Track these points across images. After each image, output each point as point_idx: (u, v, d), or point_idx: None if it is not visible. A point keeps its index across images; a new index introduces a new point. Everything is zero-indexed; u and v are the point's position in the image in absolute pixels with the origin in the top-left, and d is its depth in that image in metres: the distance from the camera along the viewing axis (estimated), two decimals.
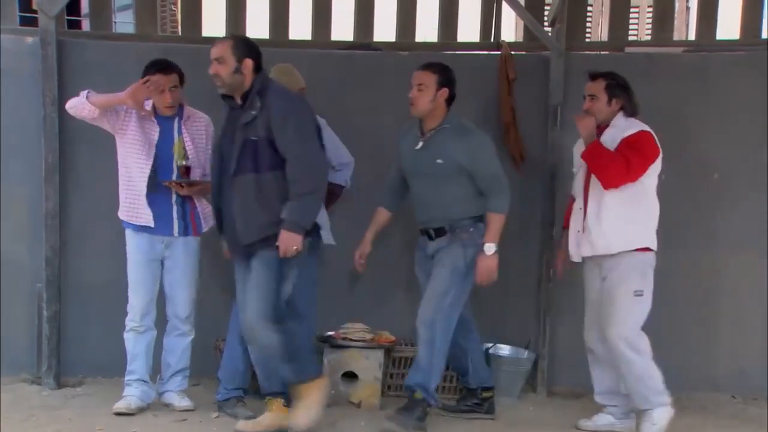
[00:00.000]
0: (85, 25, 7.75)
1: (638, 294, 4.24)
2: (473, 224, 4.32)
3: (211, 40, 5.82)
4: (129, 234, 4.47)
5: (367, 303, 5.40)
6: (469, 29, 6.27)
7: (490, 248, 4.27)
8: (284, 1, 6.15)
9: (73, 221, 5.21)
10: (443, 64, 4.44)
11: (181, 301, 4.49)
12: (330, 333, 4.92)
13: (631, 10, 6.36)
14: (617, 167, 4.16)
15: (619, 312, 4.23)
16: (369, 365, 4.82)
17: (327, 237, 4.62)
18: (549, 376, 5.39)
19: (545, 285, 5.39)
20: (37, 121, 5.02)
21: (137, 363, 4.48)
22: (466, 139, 4.28)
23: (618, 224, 4.24)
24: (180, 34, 6.64)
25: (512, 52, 5.52)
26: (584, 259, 4.44)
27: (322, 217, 4.50)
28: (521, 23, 6.54)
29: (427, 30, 6.40)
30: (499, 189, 4.29)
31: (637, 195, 4.25)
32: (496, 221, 4.27)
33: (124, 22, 8.42)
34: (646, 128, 4.29)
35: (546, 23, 5.88)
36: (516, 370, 5.17)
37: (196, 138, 4.46)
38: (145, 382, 4.49)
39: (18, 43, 5.21)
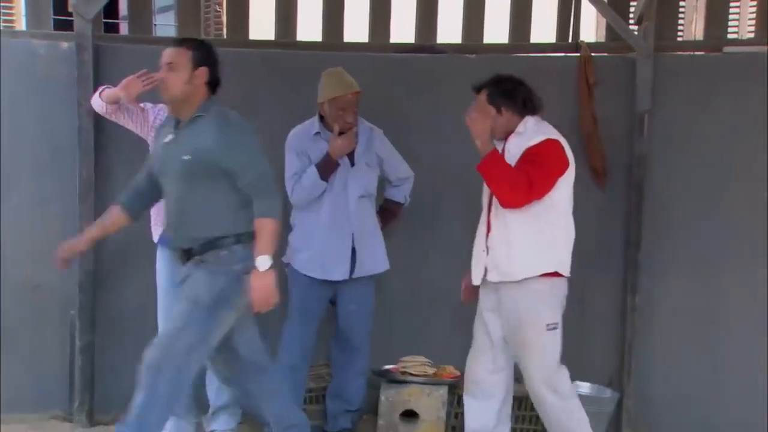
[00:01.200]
0: (123, 28, 7.92)
1: (552, 327, 4.06)
2: (229, 245, 3.75)
3: (260, 44, 6.02)
4: (157, 254, 4.56)
5: (428, 333, 5.40)
6: (543, 29, 6.24)
7: (263, 263, 3.68)
8: (339, 0, 6.20)
9: (109, 243, 5.24)
10: (201, 41, 4.08)
11: None
12: (387, 367, 4.92)
13: (731, 4, 6.26)
14: (516, 185, 3.96)
15: (534, 352, 4.06)
16: (431, 403, 4.80)
17: (383, 262, 4.65)
18: (635, 418, 5.31)
19: (630, 314, 5.33)
20: (71, 133, 5.12)
21: None
22: (225, 131, 3.74)
23: (523, 246, 4.04)
24: (225, 37, 6.73)
25: (593, 54, 5.48)
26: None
27: (377, 239, 4.53)
28: (603, 21, 6.48)
29: (496, 30, 6.39)
30: (265, 190, 3.74)
31: (546, 212, 4.06)
32: (265, 229, 3.69)
33: (164, 24, 8.57)
34: (554, 136, 4.10)
35: (632, 21, 5.84)
36: (597, 410, 5.07)
37: None
38: (180, 418, 4.53)
39: (52, 49, 5.31)
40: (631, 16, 5.95)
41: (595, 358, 5.39)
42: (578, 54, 5.51)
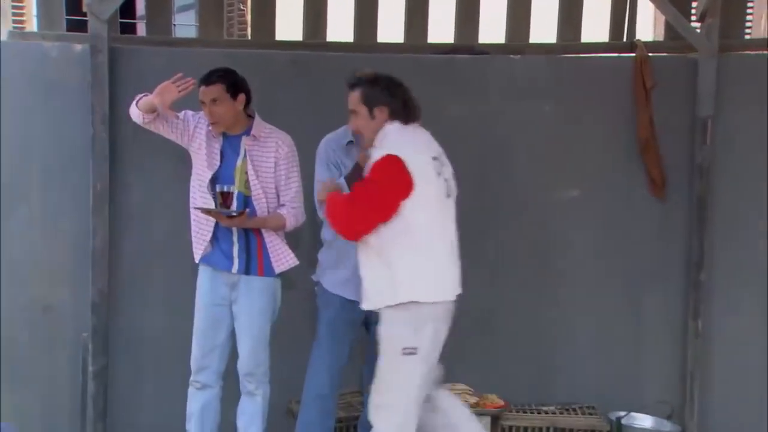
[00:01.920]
0: (141, 29, 7.92)
1: (408, 352, 3.85)
2: None
3: (287, 45, 5.99)
4: (199, 272, 4.56)
5: (469, 359, 5.35)
6: (595, 27, 6.18)
7: None
8: None
9: (124, 260, 5.27)
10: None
11: (245, 354, 4.51)
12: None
13: None
14: (344, 216, 3.84)
15: (381, 375, 3.91)
16: None
17: None
18: None
19: (692, 341, 5.28)
20: (85, 142, 5.11)
21: (191, 424, 4.54)
22: None
23: (372, 277, 3.91)
24: (249, 37, 6.71)
25: (650, 54, 5.45)
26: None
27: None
28: (661, 19, 6.39)
29: (543, 29, 6.33)
30: None
31: (400, 238, 3.85)
32: None
33: (185, 24, 8.60)
34: (395, 151, 3.82)
35: (693, 18, 5.78)
36: None
37: (260, 161, 4.47)
38: None
39: (64, 51, 5.32)
40: (693, 12, 5.89)
41: (653, 388, 5.35)
42: (634, 54, 5.47)
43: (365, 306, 4.05)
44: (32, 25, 6.09)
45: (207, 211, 4.36)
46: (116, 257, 5.23)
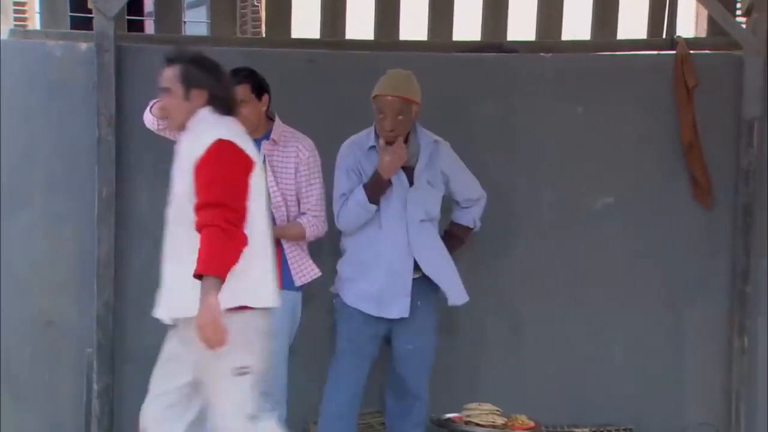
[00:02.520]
0: (149, 26, 7.94)
1: (241, 372, 3.59)
2: None
3: (304, 43, 6.00)
4: None
5: (497, 376, 5.36)
6: (633, 23, 6.16)
7: None
8: None
9: (131, 271, 5.27)
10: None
11: None
12: (450, 415, 4.85)
13: None
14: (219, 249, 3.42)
15: (215, 398, 3.65)
16: None
17: (459, 295, 4.62)
18: None
19: (738, 358, 5.24)
20: (90, 145, 5.12)
21: None
22: None
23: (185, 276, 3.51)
24: (264, 35, 6.72)
25: (692, 52, 5.43)
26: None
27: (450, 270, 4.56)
28: (704, 14, 6.36)
29: (577, 26, 6.32)
30: None
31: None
32: None
33: (195, 21, 8.62)
34: (223, 134, 3.53)
35: (739, 13, 5.76)
36: None
37: (279, 167, 4.46)
38: None
39: (69, 50, 5.34)
40: (738, 6, 5.86)
41: (695, 409, 5.34)
42: (674, 52, 5.45)
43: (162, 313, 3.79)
44: (35, 23, 6.12)
45: None
46: (123, 268, 5.23)
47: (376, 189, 4.43)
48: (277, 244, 4.44)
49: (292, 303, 4.51)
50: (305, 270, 4.50)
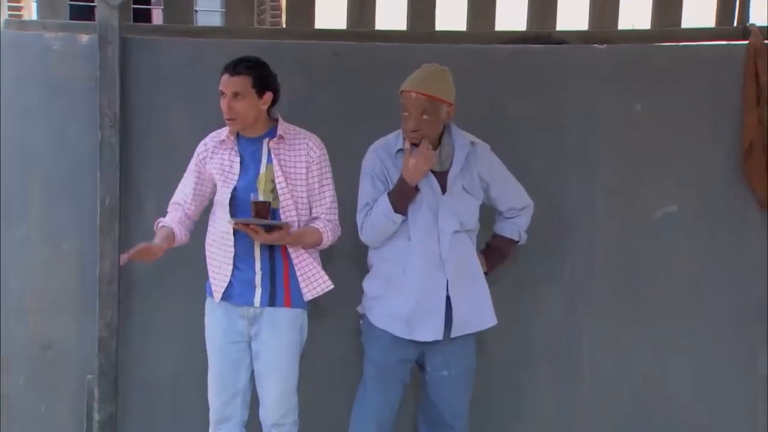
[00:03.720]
0: (157, 16, 8.00)
1: None
2: None
3: (328, 35, 6.01)
4: (206, 305, 4.59)
5: (541, 404, 5.37)
6: (699, 10, 6.13)
7: None
8: None
9: (137, 289, 5.31)
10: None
11: (271, 400, 4.50)
12: None
13: None
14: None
15: None
16: None
17: (488, 316, 4.59)
18: None
19: None
20: (91, 149, 5.16)
21: None
22: None
23: None
24: (284, 26, 6.76)
25: (767, 42, 5.38)
26: None
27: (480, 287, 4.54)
28: None
29: (635, 13, 6.30)
30: None
31: None
32: None
33: (208, 10, 8.67)
34: None
35: None
36: None
37: (288, 166, 4.47)
38: None
39: (68, 43, 5.36)
40: None
41: None
42: (746, 42, 5.41)
43: None
44: (31, 12, 6.18)
45: (245, 223, 4.33)
46: (128, 285, 5.26)
47: (402, 197, 4.42)
48: (285, 255, 4.48)
49: (300, 320, 4.55)
50: (316, 282, 4.49)
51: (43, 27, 5.73)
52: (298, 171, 4.47)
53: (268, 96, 4.43)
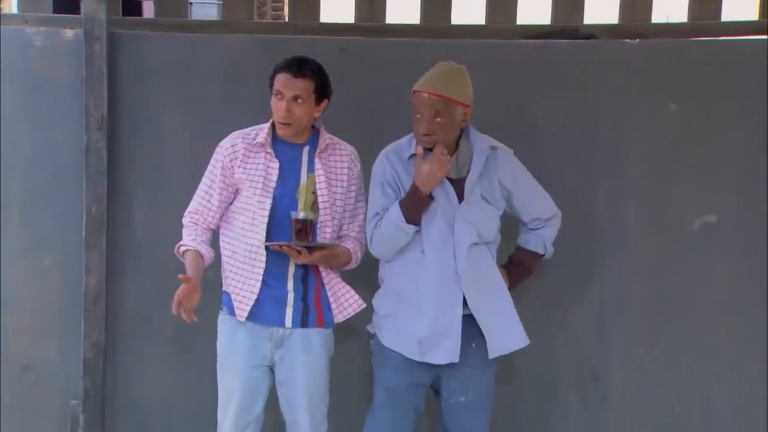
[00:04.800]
0: (148, 9, 8.01)
1: None
2: None
3: (335, 29, 6.03)
4: (221, 320, 4.54)
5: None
6: (739, 2, 6.12)
7: None
8: None
9: (125, 306, 5.33)
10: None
11: (300, 429, 4.51)
12: None
13: None
14: None
15: None
16: None
17: (515, 336, 4.57)
18: None
19: None
20: (77, 153, 5.19)
21: None
22: None
23: None
24: (286, 20, 6.75)
25: None
26: None
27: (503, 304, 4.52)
28: None
29: (670, 5, 6.30)
30: None
31: None
32: None
33: (204, 2, 8.70)
34: None
35: None
36: None
37: (332, 178, 4.48)
38: None
39: (51, 39, 5.39)
40: None
41: None
42: None
43: None
44: (11, 5, 6.19)
45: (283, 246, 4.29)
46: (115, 302, 5.28)
47: (415, 206, 4.39)
48: (317, 273, 4.47)
49: (330, 342, 4.55)
50: (348, 302, 4.50)
51: (24, 21, 5.72)
52: (341, 185, 4.49)
53: (324, 104, 4.44)
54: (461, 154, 4.47)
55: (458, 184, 4.48)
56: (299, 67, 4.37)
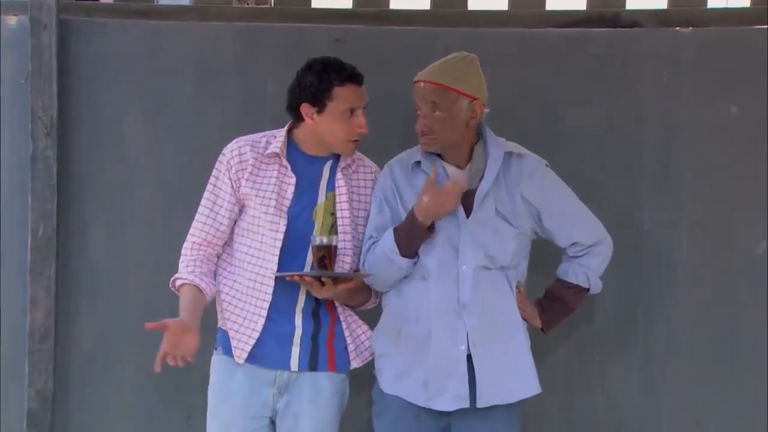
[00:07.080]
0: None
1: None
2: None
3: (330, 15, 6.06)
4: (215, 361, 4.55)
5: None
6: None
7: None
8: None
9: (77, 347, 5.34)
10: None
11: None
12: None
13: None
14: None
15: None
16: None
17: (528, 383, 4.55)
18: None
19: None
20: (21, 164, 5.22)
21: None
22: None
23: None
24: (272, 5, 6.78)
25: None
26: None
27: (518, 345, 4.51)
28: None
29: None
30: None
31: None
32: None
33: None
34: None
35: None
36: None
37: (356, 200, 4.51)
38: None
39: None
40: None
41: None
42: None
43: None
44: None
45: (304, 277, 4.28)
46: (66, 341, 5.31)
47: (410, 237, 4.33)
48: (332, 308, 4.49)
49: (342, 389, 4.57)
50: (366, 344, 4.53)
51: None
52: (364, 206, 4.51)
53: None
54: (475, 162, 4.42)
55: (468, 197, 4.39)
56: (359, 74, 4.42)
